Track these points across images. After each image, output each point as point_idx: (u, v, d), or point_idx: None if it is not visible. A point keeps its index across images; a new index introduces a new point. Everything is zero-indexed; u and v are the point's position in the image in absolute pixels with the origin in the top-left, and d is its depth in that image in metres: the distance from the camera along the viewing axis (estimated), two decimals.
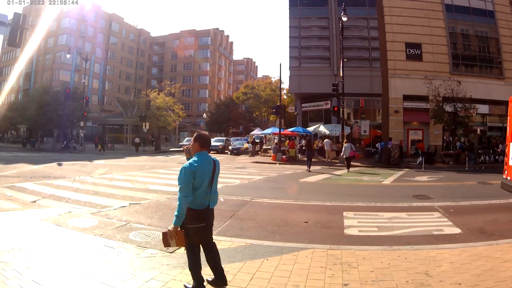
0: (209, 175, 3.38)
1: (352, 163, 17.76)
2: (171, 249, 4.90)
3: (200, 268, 3.54)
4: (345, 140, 19.60)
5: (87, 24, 56.04)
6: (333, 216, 7.28)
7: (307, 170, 16.83)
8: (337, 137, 24.71)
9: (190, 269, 3.50)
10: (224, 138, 40.30)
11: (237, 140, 37.61)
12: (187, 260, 4.43)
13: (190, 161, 3.37)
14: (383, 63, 26.92)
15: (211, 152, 31.40)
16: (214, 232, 5.82)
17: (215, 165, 3.50)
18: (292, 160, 22.69)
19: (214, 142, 33.91)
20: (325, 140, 23.56)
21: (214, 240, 3.65)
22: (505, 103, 11.44)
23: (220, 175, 3.64)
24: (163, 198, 9.08)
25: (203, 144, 3.44)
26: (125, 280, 3.79)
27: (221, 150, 32.35)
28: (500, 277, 3.87)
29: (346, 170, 17.06)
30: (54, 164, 17.74)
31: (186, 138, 38.89)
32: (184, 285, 3.64)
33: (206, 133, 3.68)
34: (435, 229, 6.25)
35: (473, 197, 9.68)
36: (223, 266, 4.23)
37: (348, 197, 9.72)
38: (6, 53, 58.38)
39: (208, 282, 3.60)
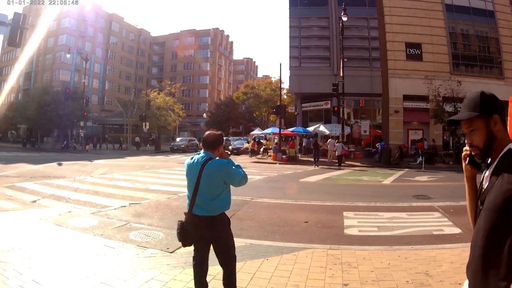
0: (194, 177, 2.99)
1: (352, 163, 18.73)
2: (171, 249, 4.92)
3: (198, 276, 3.14)
4: (336, 140, 21.24)
5: (87, 24, 55.99)
6: (333, 216, 7.28)
7: (315, 166, 19.02)
8: (337, 137, 24.73)
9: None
10: (225, 138, 39.92)
11: (237, 140, 37.50)
12: (187, 261, 4.45)
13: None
14: (383, 63, 26.91)
15: None
16: None
17: (203, 167, 2.95)
18: (292, 160, 22.69)
19: None
20: (329, 140, 23.62)
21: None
22: (505, 103, 11.45)
23: None
24: (163, 198, 9.09)
25: (203, 143, 3.14)
26: (125, 280, 3.79)
27: None
28: None
29: (344, 170, 17.95)
30: (54, 164, 17.74)
31: (178, 139, 38.58)
32: None
33: (213, 132, 3.16)
34: (435, 229, 6.24)
35: None
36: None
37: (348, 197, 9.72)
38: (6, 53, 58.30)
39: None
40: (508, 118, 8.34)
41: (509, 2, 27.06)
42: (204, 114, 56.26)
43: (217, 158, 3.07)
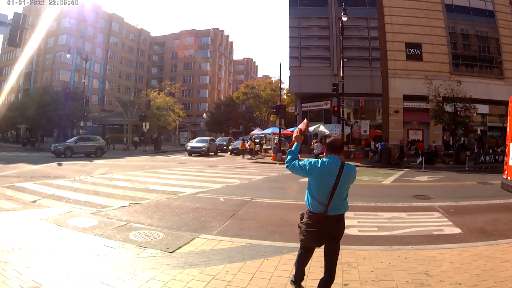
0: (331, 180, 3.27)
1: (352, 163, 18.59)
2: (171, 249, 4.92)
3: (303, 266, 3.58)
4: (315, 140, 21.53)
5: (87, 24, 55.96)
6: None
7: None
8: (316, 135, 24.82)
9: (295, 263, 3.62)
10: (209, 138, 32.19)
11: (237, 140, 37.38)
12: (186, 261, 4.45)
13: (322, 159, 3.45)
14: (383, 63, 26.90)
15: (193, 154, 27.44)
16: (213, 232, 5.85)
17: (342, 170, 3.25)
18: None
19: (196, 143, 29.04)
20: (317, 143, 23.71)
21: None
22: (505, 103, 11.46)
23: (220, 175, 3.53)
24: (163, 198, 9.08)
25: (330, 148, 3.43)
26: (125, 280, 3.79)
27: (205, 153, 27.39)
28: (500, 277, 3.88)
29: None
30: (54, 164, 17.74)
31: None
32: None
33: (338, 137, 3.48)
34: (435, 229, 6.25)
35: (473, 197, 9.68)
36: (223, 266, 4.24)
37: (348, 197, 9.70)
38: (6, 53, 58.27)
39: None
40: (508, 118, 8.36)
41: (509, 2, 27.04)
42: (204, 114, 56.20)
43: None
